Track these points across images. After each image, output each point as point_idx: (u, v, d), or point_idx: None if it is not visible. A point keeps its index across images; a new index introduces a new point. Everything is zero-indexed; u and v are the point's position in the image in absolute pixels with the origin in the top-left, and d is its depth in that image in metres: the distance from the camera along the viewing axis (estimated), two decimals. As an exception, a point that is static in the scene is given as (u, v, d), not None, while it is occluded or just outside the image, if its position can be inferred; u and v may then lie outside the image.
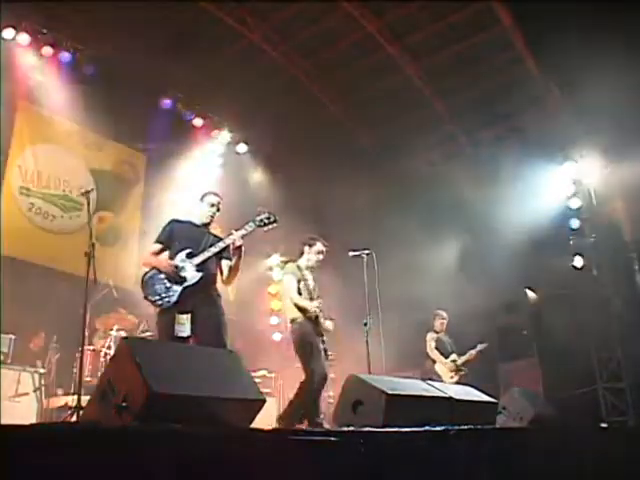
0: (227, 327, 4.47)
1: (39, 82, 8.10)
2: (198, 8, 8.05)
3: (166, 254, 4.55)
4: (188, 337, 4.22)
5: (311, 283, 5.40)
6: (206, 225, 4.71)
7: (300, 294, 5.22)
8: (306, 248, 5.47)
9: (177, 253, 4.45)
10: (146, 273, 4.46)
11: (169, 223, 4.71)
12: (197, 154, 10.02)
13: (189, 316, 4.26)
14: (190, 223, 4.71)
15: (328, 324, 5.24)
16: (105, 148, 9.18)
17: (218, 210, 4.75)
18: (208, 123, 10.06)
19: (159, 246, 4.57)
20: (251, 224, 4.51)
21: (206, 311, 4.37)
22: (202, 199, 4.77)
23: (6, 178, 7.87)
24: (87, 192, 4.88)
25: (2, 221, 7.31)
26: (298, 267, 5.38)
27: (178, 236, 4.56)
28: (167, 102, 9.33)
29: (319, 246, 5.45)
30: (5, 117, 7.57)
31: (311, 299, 5.20)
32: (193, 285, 4.35)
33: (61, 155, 8.50)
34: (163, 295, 4.33)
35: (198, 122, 9.89)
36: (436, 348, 7.60)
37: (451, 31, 8.25)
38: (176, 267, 4.37)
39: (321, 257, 5.45)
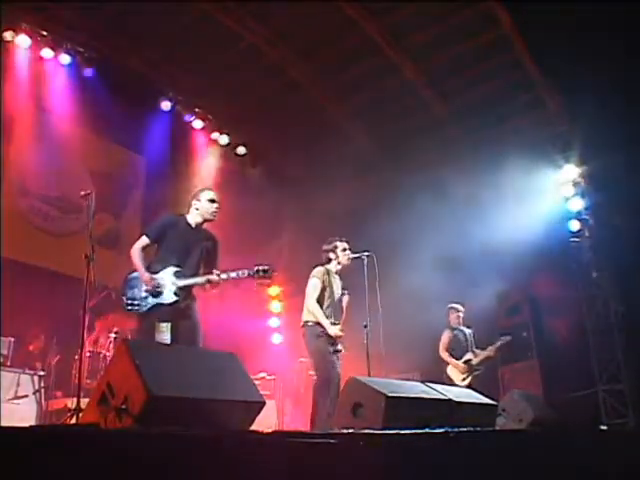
0: (202, 337, 4.51)
1: (39, 84, 8.11)
2: (198, 9, 8.05)
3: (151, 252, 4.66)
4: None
5: (337, 290, 5.47)
6: (202, 224, 4.70)
7: (320, 302, 5.27)
8: (331, 254, 5.53)
9: (166, 266, 4.48)
10: (132, 272, 4.57)
11: (163, 219, 4.78)
12: (196, 156, 10.03)
13: (169, 325, 4.38)
14: (186, 223, 4.70)
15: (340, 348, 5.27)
16: (105, 150, 9.18)
17: (218, 205, 4.73)
18: (208, 125, 10.07)
19: (147, 241, 4.65)
20: (245, 272, 4.42)
21: (184, 323, 4.45)
22: (199, 197, 4.73)
23: (6, 179, 7.87)
24: (87, 194, 4.88)
25: (2, 223, 7.30)
26: (327, 272, 5.42)
27: (169, 235, 4.60)
28: (167, 104, 9.34)
29: (341, 244, 5.55)
30: (5, 118, 7.57)
31: (329, 310, 5.28)
32: (167, 304, 4.42)
33: (61, 157, 8.50)
34: (136, 302, 4.45)
35: (198, 124, 9.90)
36: (448, 350, 7.46)
37: (451, 33, 8.25)
38: (156, 285, 4.41)
39: (349, 252, 5.53)
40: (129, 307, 4.48)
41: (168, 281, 4.44)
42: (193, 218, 4.70)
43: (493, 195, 8.51)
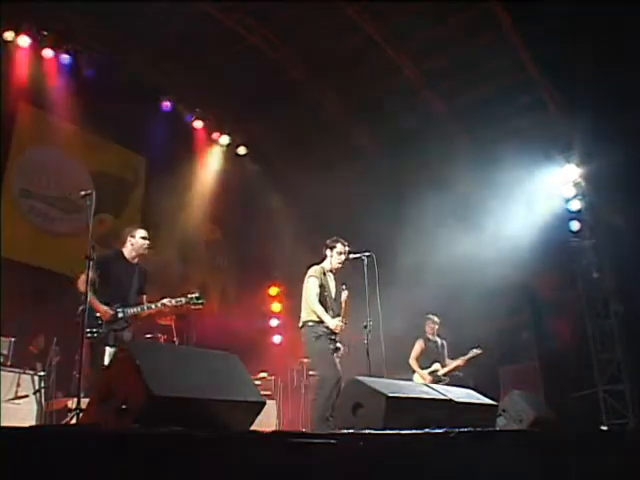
0: None
1: (39, 84, 8.11)
2: (198, 9, 8.05)
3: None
4: None
5: (332, 288, 5.47)
6: (135, 257, 5.31)
7: (319, 301, 5.26)
8: (328, 251, 5.52)
9: (111, 300, 5.05)
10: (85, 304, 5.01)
11: (104, 255, 5.29)
12: (197, 156, 10.03)
13: (115, 350, 4.81)
14: (123, 257, 5.30)
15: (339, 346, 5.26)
16: (105, 150, 9.19)
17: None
18: (208, 125, 10.08)
19: (91, 276, 5.04)
20: (182, 299, 5.17)
21: None
22: (134, 234, 5.32)
23: (6, 180, 7.87)
24: (87, 195, 4.88)
25: (2, 223, 7.31)
26: (322, 270, 5.41)
27: (110, 269, 5.16)
28: (167, 104, 9.34)
29: (340, 247, 5.51)
30: (5, 118, 7.57)
31: (327, 308, 5.26)
32: (118, 330, 5.08)
33: (61, 157, 8.50)
34: (94, 330, 4.96)
35: (198, 124, 9.90)
36: (418, 359, 7.60)
37: (451, 33, 8.26)
38: (114, 316, 5.03)
39: (343, 258, 5.52)
40: (88, 335, 4.88)
41: (119, 311, 5.08)
42: (129, 253, 5.32)
43: (493, 195, 8.51)
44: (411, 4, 7.95)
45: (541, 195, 9.15)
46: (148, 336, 6.82)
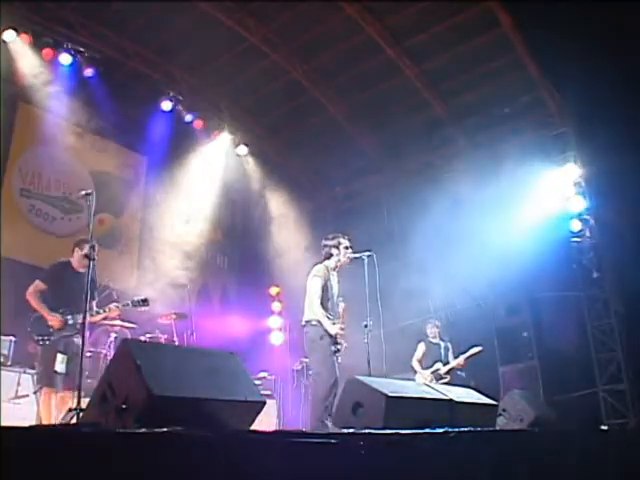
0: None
1: (39, 84, 8.10)
2: (198, 9, 8.06)
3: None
4: (65, 373, 5.08)
5: (336, 288, 5.46)
6: (83, 267, 5.34)
7: (321, 301, 5.24)
8: (334, 250, 5.49)
9: (61, 307, 5.20)
10: (34, 313, 5.25)
11: (54, 265, 5.49)
12: (198, 156, 10.03)
13: (66, 357, 5.11)
14: (72, 267, 5.45)
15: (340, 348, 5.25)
16: (106, 150, 9.19)
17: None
18: (208, 125, 10.07)
19: (43, 286, 5.32)
20: (128, 303, 5.50)
21: (76, 355, 5.15)
22: (81, 246, 5.37)
23: (6, 180, 7.87)
24: (87, 194, 4.88)
25: (2, 222, 7.30)
26: (327, 270, 5.39)
27: (60, 279, 5.34)
28: (167, 104, 9.34)
29: (344, 242, 5.51)
30: (5, 118, 7.57)
31: (329, 309, 5.26)
32: (68, 336, 5.25)
33: (61, 157, 8.50)
34: (45, 337, 5.16)
35: (199, 124, 9.90)
36: (420, 361, 7.65)
37: (451, 34, 8.26)
38: (63, 323, 5.17)
39: (351, 251, 5.50)
40: (41, 342, 5.13)
41: (69, 319, 5.22)
42: (76, 262, 5.45)
43: (494, 195, 8.51)
44: (411, 4, 7.96)
45: (541, 195, 9.14)
46: (148, 336, 6.83)
